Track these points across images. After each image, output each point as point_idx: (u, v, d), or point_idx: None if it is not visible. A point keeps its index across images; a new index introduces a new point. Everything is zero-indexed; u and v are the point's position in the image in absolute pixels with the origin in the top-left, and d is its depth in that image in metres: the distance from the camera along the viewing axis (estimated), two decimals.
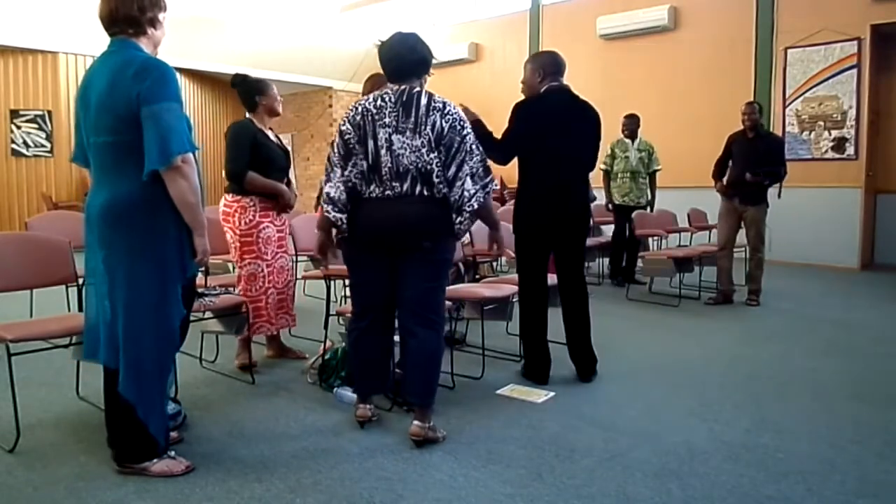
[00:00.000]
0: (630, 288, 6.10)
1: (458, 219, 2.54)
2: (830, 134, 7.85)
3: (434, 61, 2.70)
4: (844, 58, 7.66)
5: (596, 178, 6.49)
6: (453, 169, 2.51)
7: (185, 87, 10.54)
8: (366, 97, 2.61)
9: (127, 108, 2.06)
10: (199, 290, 3.10)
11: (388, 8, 12.00)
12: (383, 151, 2.50)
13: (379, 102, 2.54)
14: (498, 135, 3.32)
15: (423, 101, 2.53)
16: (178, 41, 9.67)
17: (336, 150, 2.60)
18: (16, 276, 2.82)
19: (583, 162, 3.48)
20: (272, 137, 3.54)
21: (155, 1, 2.22)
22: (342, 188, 2.57)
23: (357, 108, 2.58)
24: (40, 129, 9.28)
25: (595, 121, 3.46)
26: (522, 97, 3.47)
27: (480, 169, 2.55)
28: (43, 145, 9.30)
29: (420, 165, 2.50)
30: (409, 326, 2.60)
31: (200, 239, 2.22)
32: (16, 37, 8.75)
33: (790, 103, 8.11)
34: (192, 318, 3.29)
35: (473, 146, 2.54)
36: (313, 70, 11.38)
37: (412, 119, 2.50)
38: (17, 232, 6.32)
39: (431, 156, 2.50)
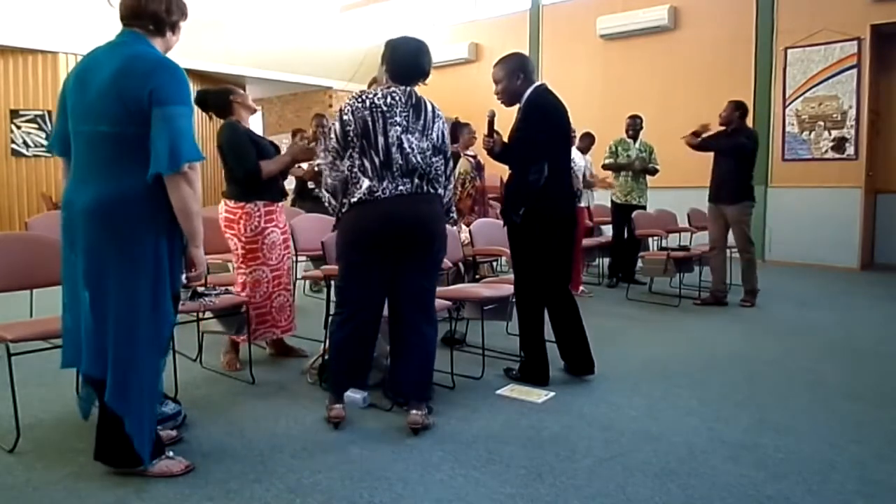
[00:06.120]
0: (630, 288, 6.09)
1: (452, 217, 2.81)
2: (830, 134, 7.85)
3: (434, 61, 2.77)
4: (844, 58, 7.66)
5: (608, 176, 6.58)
6: (446, 175, 2.73)
7: None
8: (371, 92, 2.61)
9: (136, 102, 1.98)
10: (199, 290, 3.11)
11: (388, 8, 11.99)
12: (394, 149, 2.53)
13: (389, 100, 2.56)
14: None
15: (429, 106, 2.65)
16: (178, 41, 9.69)
17: (337, 139, 2.59)
18: (16, 276, 2.81)
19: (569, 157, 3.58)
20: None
21: (181, 7, 2.19)
22: (340, 178, 2.60)
23: (364, 101, 2.55)
24: (40, 129, 9.25)
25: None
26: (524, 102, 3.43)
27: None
28: (43, 145, 9.27)
29: (424, 166, 2.59)
30: (417, 324, 2.68)
31: (197, 250, 2.13)
32: (16, 37, 8.73)
33: (790, 103, 8.11)
34: (191, 319, 3.30)
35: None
36: (313, 70, 11.36)
37: (421, 122, 2.60)
38: (17, 232, 6.33)
39: (434, 159, 2.63)
